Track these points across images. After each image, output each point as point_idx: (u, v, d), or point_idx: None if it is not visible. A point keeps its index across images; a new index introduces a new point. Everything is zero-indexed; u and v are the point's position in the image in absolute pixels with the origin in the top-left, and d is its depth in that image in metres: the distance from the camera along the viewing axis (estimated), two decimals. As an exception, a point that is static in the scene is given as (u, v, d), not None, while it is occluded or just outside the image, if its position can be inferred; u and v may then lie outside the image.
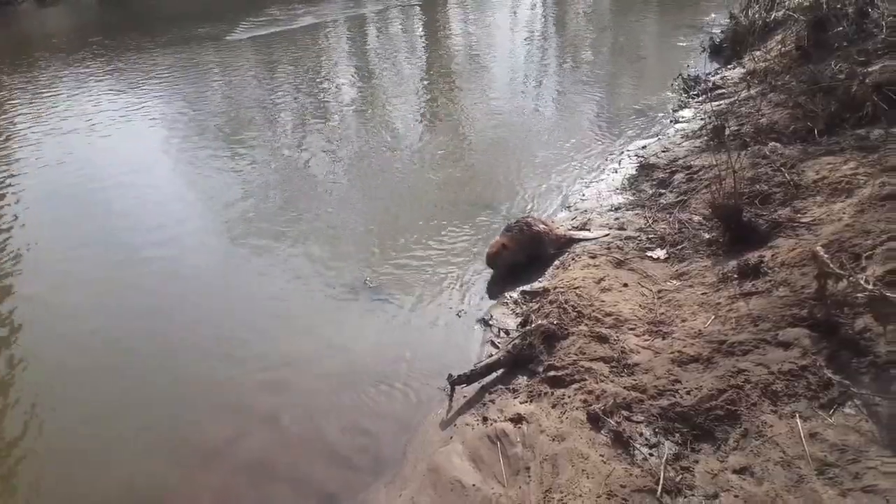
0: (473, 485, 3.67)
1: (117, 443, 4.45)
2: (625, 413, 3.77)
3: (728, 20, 12.28)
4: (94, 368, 5.18)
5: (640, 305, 4.84)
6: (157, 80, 13.33)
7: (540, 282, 5.61)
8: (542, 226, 5.98)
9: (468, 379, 4.46)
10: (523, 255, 5.84)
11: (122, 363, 5.22)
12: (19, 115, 11.67)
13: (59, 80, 13.94)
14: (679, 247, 5.56)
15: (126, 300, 6.03)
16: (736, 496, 3.12)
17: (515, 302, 5.44)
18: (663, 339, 4.35)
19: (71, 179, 8.72)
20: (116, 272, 6.47)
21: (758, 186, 5.83)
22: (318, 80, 13.15)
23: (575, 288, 5.12)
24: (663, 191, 6.73)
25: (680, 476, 3.29)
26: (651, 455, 3.47)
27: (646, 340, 4.39)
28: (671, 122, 8.97)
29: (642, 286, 5.12)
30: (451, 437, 4.10)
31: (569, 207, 6.97)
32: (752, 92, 8.38)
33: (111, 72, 14.32)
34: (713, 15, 14.38)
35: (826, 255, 3.96)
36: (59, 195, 8.30)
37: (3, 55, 16.64)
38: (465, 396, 4.45)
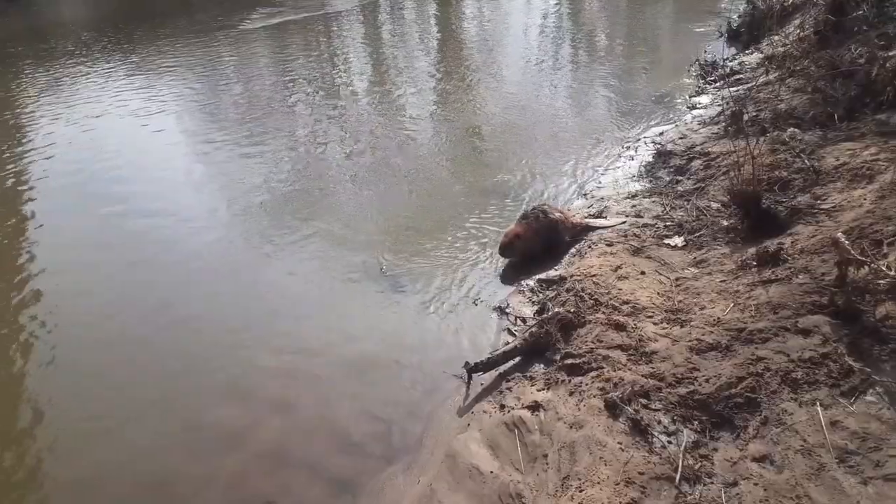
0: (491, 472, 3.68)
1: (132, 430, 4.48)
2: (643, 401, 3.75)
3: (745, 4, 12.14)
4: (109, 357, 5.22)
5: (657, 293, 4.82)
6: (172, 70, 13.38)
7: (556, 270, 5.60)
8: (557, 213, 5.95)
9: (485, 366, 4.47)
10: (539, 244, 5.82)
11: (136, 352, 5.25)
12: (39, 104, 11.75)
13: (77, 69, 14.00)
14: (697, 234, 5.52)
15: (140, 289, 6.07)
16: (756, 484, 3.10)
17: (532, 290, 5.42)
18: (681, 326, 4.33)
19: (87, 168, 8.77)
20: (131, 261, 6.50)
21: (777, 173, 5.77)
22: (332, 68, 13.15)
23: (592, 276, 5.10)
24: (680, 178, 6.68)
25: (699, 464, 3.28)
26: (669, 443, 3.46)
27: (664, 328, 4.36)
28: (688, 108, 8.89)
29: (660, 274, 5.09)
30: (469, 425, 4.11)
31: (585, 195, 6.93)
32: (771, 77, 8.29)
33: (128, 61, 14.37)
34: (730, -1, 14.22)
35: (847, 242, 3.91)
36: (77, 184, 8.36)
37: (21, 45, 16.75)
38: (481, 384, 4.46)
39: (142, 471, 4.17)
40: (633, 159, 7.52)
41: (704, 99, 9.06)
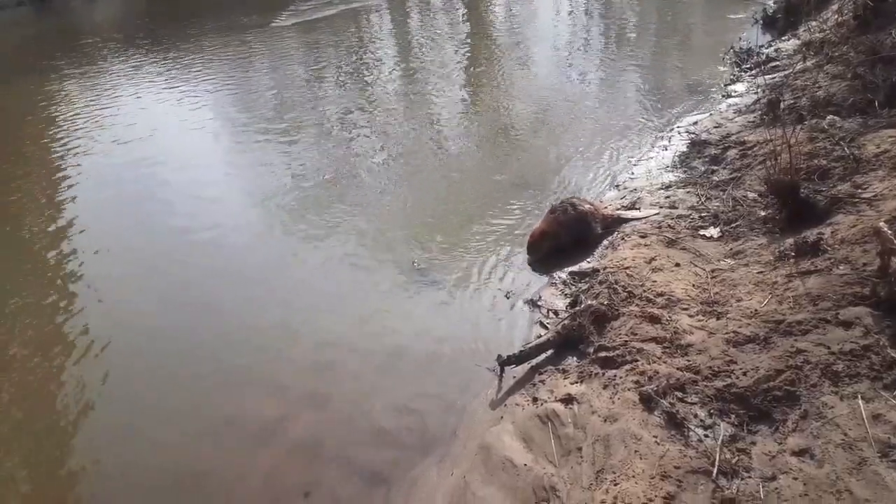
0: (525, 464, 3.68)
1: (166, 424, 4.55)
2: (678, 394, 3.71)
3: (782, -10, 11.88)
4: (142, 352, 5.30)
5: (693, 285, 4.75)
6: (204, 69, 13.53)
7: (589, 262, 5.56)
8: (587, 206, 5.90)
9: (517, 359, 4.46)
10: (568, 237, 5.77)
11: (169, 347, 5.34)
12: (75, 102, 12.00)
13: (111, 68, 14.28)
14: (733, 225, 5.43)
15: (173, 284, 6.17)
16: (795, 478, 3.04)
17: (564, 283, 5.39)
18: (718, 319, 4.26)
19: (122, 165, 8.93)
20: (164, 256, 6.60)
21: (815, 161, 5.63)
22: (361, 64, 13.18)
23: (625, 268, 5.05)
24: (716, 167, 6.57)
25: (736, 458, 3.23)
26: (706, 436, 3.41)
27: (699, 321, 4.30)
28: (723, 96, 8.74)
29: (695, 265, 5.02)
30: (502, 417, 4.10)
31: (617, 186, 6.86)
32: (809, 64, 8.11)
33: (160, 60, 14.60)
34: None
35: (889, 231, 3.82)
36: (112, 180, 8.52)
37: (58, 46, 17.13)
38: (514, 377, 4.45)
39: (178, 465, 4.24)
40: (666, 149, 7.42)
41: (740, 87, 8.89)
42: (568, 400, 4.01)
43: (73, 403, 4.84)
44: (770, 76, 8.39)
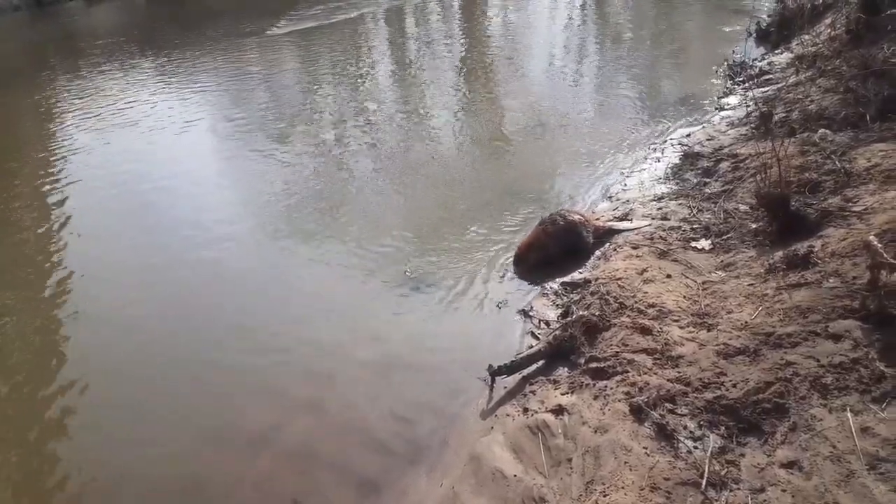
0: (515, 475, 3.68)
1: (161, 430, 4.55)
2: (668, 405, 3.72)
3: (775, 4, 11.96)
4: (138, 358, 5.30)
5: (684, 297, 4.76)
6: (201, 77, 13.54)
7: (581, 273, 5.57)
8: (577, 217, 5.92)
9: (509, 370, 4.46)
10: (557, 248, 5.78)
11: (165, 353, 5.33)
12: (70, 110, 11.99)
13: (108, 75, 14.28)
14: (725, 237, 5.45)
15: (168, 293, 6.15)
16: (783, 490, 3.05)
17: (556, 293, 5.40)
18: (708, 330, 4.27)
19: (118, 174, 8.91)
20: (159, 266, 6.59)
21: (806, 175, 5.67)
22: (357, 72, 13.20)
23: (617, 279, 5.07)
24: (708, 180, 6.60)
25: (725, 469, 3.24)
26: (695, 448, 3.42)
27: (690, 332, 4.32)
28: (716, 109, 8.78)
29: (686, 277, 5.04)
30: (492, 428, 4.11)
31: (610, 198, 6.87)
32: (801, 77, 8.16)
33: (157, 68, 14.59)
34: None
35: (879, 245, 3.84)
36: (107, 189, 8.49)
37: (54, 52, 17.14)
38: (505, 387, 4.45)
39: (172, 471, 4.24)
40: (659, 161, 7.45)
41: (733, 100, 8.93)
42: (558, 411, 4.01)
43: (71, 410, 4.83)
44: (763, 89, 8.45)
